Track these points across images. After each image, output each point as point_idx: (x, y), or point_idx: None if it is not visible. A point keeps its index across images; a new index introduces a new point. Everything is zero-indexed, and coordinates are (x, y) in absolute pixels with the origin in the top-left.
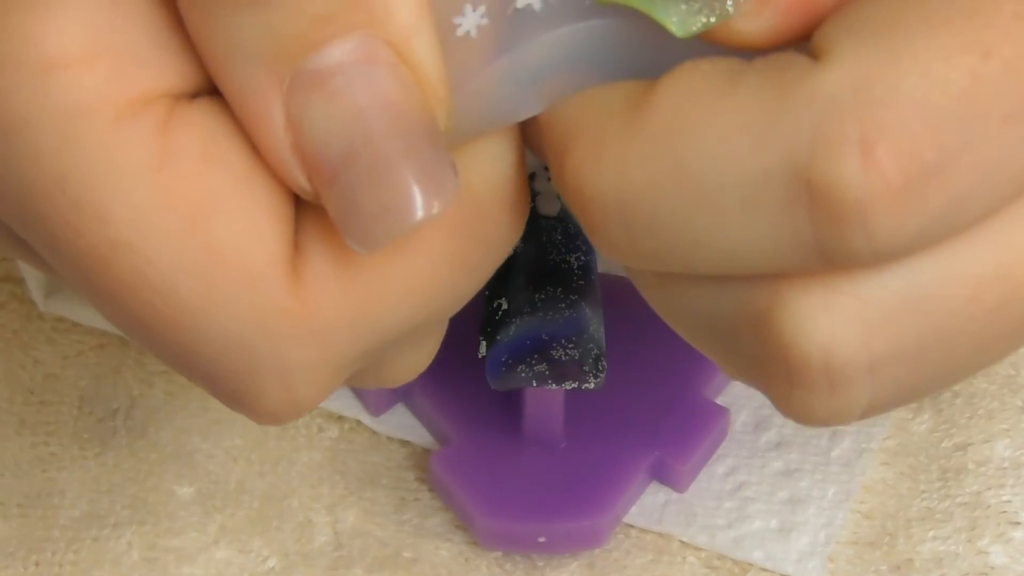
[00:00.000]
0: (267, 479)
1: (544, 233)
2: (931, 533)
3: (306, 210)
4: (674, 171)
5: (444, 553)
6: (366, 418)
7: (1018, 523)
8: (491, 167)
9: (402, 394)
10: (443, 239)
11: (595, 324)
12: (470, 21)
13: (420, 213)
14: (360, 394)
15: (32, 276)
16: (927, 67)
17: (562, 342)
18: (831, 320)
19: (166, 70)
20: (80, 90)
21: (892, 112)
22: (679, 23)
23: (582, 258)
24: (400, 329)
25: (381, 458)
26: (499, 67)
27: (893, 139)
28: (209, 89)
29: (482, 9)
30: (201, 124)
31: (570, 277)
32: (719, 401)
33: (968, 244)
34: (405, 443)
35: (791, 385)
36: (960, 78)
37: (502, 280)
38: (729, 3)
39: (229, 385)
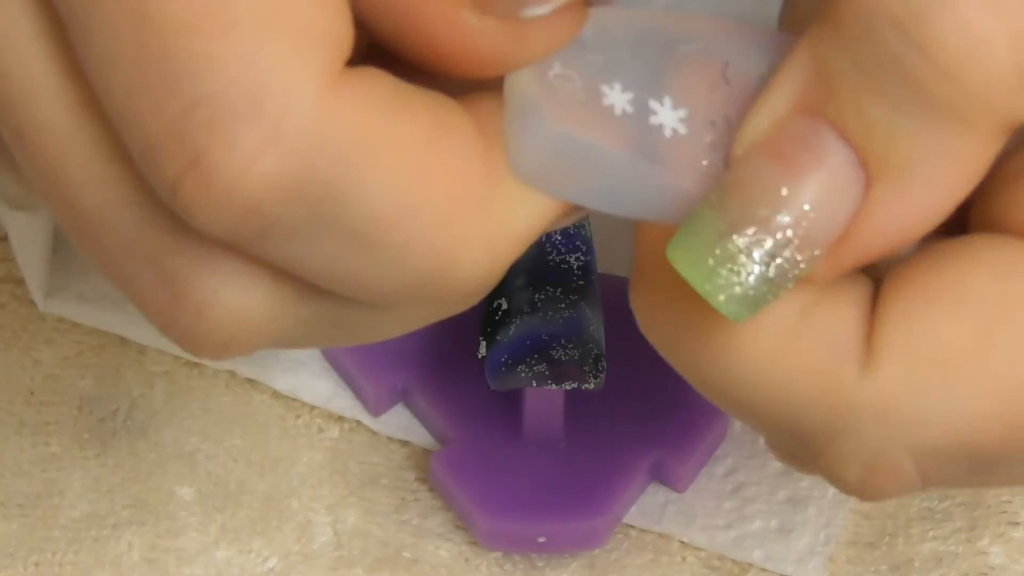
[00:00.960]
0: (267, 479)
1: (543, 234)
2: (931, 533)
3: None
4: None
5: (444, 553)
6: (366, 418)
7: (1018, 523)
8: (526, 219)
9: (402, 394)
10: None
11: (595, 324)
12: (616, 97)
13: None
14: (360, 394)
15: (32, 276)
16: (951, 431)
17: (562, 342)
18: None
19: None
20: None
21: (901, 455)
22: (731, 308)
23: (582, 258)
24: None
25: (381, 458)
26: (619, 158)
27: (895, 475)
28: None
29: (629, 96)
30: None
31: (570, 277)
32: None
33: None
34: (405, 443)
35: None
36: (987, 440)
37: (502, 280)
38: (790, 279)
39: None
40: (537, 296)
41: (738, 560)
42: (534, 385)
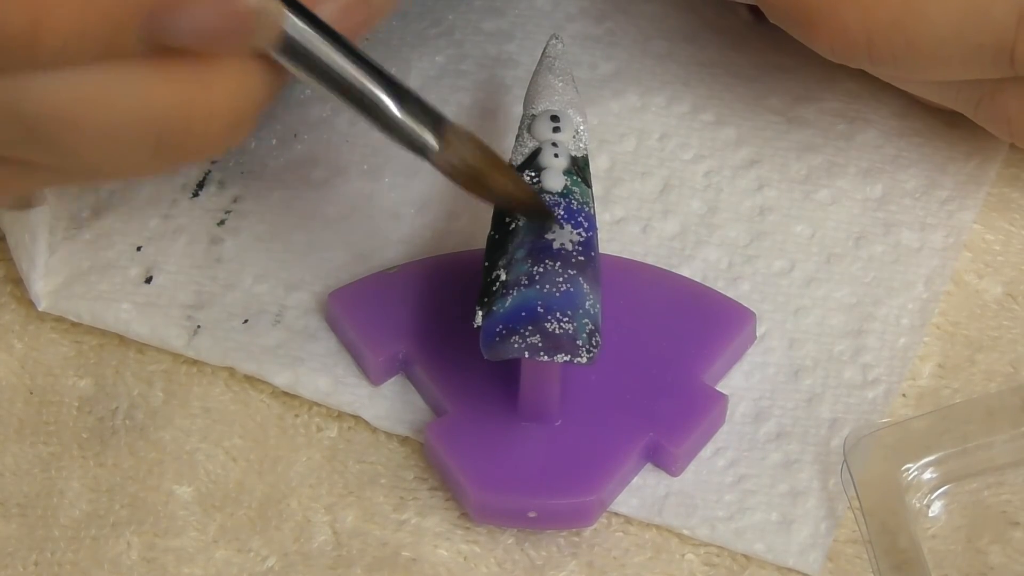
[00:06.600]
0: (266, 479)
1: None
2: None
3: None
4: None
5: (443, 553)
6: (365, 413)
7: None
8: None
9: (402, 364)
10: None
11: (592, 300)
12: None
13: None
14: (362, 363)
15: (31, 276)
16: None
17: (557, 315)
18: None
19: None
20: None
21: None
22: None
23: (583, 235)
24: None
25: (380, 458)
26: None
27: None
28: None
29: None
30: None
31: (570, 252)
32: (719, 389)
33: None
34: (404, 442)
35: None
36: None
37: (502, 252)
38: None
39: None
40: (536, 269)
41: (739, 553)
42: (527, 356)
